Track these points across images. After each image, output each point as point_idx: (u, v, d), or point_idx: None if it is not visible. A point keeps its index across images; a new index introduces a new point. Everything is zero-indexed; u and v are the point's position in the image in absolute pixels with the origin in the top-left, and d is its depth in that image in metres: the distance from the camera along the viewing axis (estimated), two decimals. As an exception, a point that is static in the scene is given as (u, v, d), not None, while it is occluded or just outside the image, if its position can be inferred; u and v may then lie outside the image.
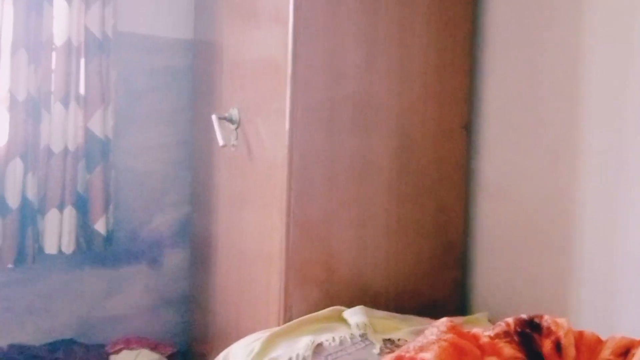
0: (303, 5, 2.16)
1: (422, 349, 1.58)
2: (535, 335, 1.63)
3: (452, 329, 1.65)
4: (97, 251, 2.77)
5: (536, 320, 1.65)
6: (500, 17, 2.37)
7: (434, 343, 1.60)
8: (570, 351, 1.60)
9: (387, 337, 1.96)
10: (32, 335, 2.76)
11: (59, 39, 2.66)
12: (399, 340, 1.94)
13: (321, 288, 2.22)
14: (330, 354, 1.87)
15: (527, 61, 2.27)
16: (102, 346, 2.78)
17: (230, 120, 2.49)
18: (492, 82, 2.40)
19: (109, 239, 2.78)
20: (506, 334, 1.64)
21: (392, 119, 2.31)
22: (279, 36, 2.22)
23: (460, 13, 2.41)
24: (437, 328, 1.66)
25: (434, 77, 2.38)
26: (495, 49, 2.39)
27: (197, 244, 2.92)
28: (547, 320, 1.64)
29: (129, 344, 2.75)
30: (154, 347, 2.77)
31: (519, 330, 1.64)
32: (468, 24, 2.43)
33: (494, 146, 2.39)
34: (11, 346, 2.69)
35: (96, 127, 2.72)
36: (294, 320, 2.06)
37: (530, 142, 2.26)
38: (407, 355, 1.56)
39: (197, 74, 2.92)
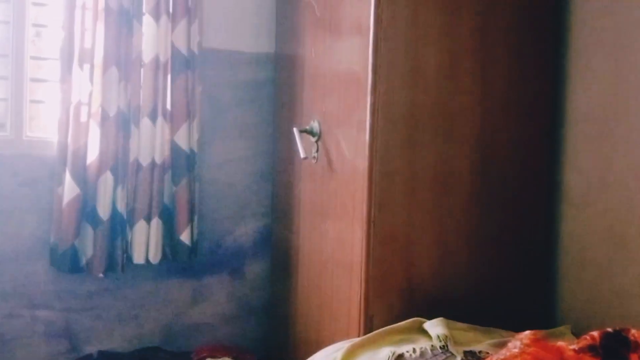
0: (384, 17, 2.18)
1: (504, 361, 1.56)
2: (623, 350, 1.58)
3: (536, 342, 1.63)
4: (182, 261, 2.85)
5: (623, 334, 1.60)
6: (587, 23, 2.32)
7: (517, 356, 1.58)
8: (660, 367, 1.55)
9: (468, 349, 1.94)
10: (120, 342, 2.86)
11: (147, 56, 2.76)
12: (480, 352, 1.91)
13: (402, 299, 2.22)
14: (411, 365, 1.87)
15: (614, 67, 2.22)
16: (187, 354, 2.84)
17: (311, 133, 2.53)
18: (577, 90, 2.35)
19: (193, 249, 2.85)
20: (591, 347, 1.60)
21: (473, 128, 2.29)
22: (360, 48, 2.24)
23: (544, 20, 2.38)
24: (520, 341, 1.64)
25: (516, 86, 2.35)
26: (580, 56, 2.34)
27: (278, 254, 2.96)
28: (634, 335, 1.59)
29: (212, 352, 2.81)
30: (236, 356, 2.82)
31: (605, 344, 1.60)
32: (552, 32, 2.39)
33: (579, 155, 2.34)
34: (100, 353, 2.79)
35: (182, 140, 2.80)
36: (375, 331, 2.07)
37: (617, 150, 2.20)
38: (490, 367, 1.55)
39: (279, 87, 2.98)
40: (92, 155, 2.71)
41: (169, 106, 2.81)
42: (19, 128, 2.75)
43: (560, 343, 1.65)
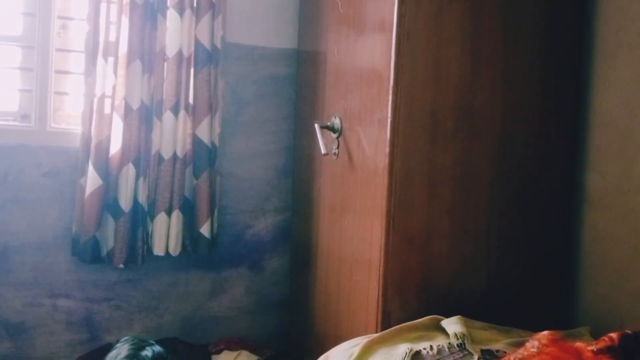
0: (407, 14, 2.18)
1: (522, 360, 1.57)
2: (642, 352, 1.58)
3: (554, 342, 1.63)
4: (202, 254, 2.87)
5: (642, 336, 1.61)
6: (611, 25, 2.31)
7: (535, 356, 1.58)
8: (679, 369, 1.55)
9: (485, 348, 1.94)
10: (139, 332, 2.89)
11: (170, 50, 2.78)
12: (497, 351, 1.92)
13: (420, 296, 2.22)
14: (428, 362, 1.88)
15: (638, 69, 2.21)
16: (205, 346, 2.87)
17: (332, 129, 2.54)
18: (601, 91, 2.34)
19: (213, 242, 2.88)
20: (610, 349, 1.60)
21: (494, 128, 2.30)
22: (383, 45, 2.25)
23: (568, 20, 2.37)
24: (538, 341, 1.64)
25: (539, 86, 2.35)
26: (605, 58, 2.33)
27: (297, 248, 2.98)
28: (653, 337, 1.59)
29: (230, 344, 2.83)
30: (253, 349, 2.84)
31: (623, 345, 1.60)
32: (576, 32, 2.39)
33: (600, 157, 2.33)
34: (120, 342, 2.82)
35: (204, 134, 2.82)
36: (393, 328, 2.07)
37: (639, 153, 2.19)
38: (507, 366, 1.55)
39: (301, 83, 2.99)
40: (115, 147, 2.74)
41: (191, 100, 2.83)
42: (43, 119, 2.78)
43: (579, 344, 1.65)
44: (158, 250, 2.80)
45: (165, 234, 2.80)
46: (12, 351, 2.74)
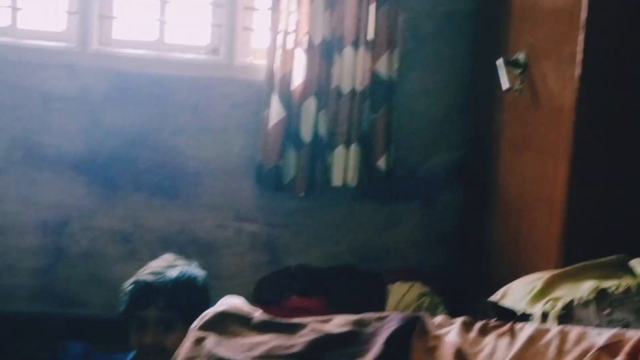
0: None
1: None
2: None
3: None
4: (377, 187, 2.96)
5: None
6: None
7: None
8: None
9: (677, 291, 1.89)
10: (316, 258, 3.04)
11: (352, -15, 2.82)
12: (692, 296, 1.87)
13: (602, 240, 2.18)
14: (614, 300, 1.85)
15: None
16: (379, 275, 2.96)
17: (516, 65, 2.50)
18: None
19: (388, 175, 2.94)
20: None
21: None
22: (575, -19, 2.18)
23: None
24: None
25: None
26: None
27: (472, 185, 2.99)
28: None
29: (403, 275, 2.91)
30: (426, 281, 2.90)
31: None
32: None
33: None
34: (299, 266, 2.98)
35: (382, 69, 2.87)
36: (577, 264, 2.05)
37: None
38: None
39: (481, 19, 2.95)
40: (297, 80, 2.84)
41: (370, 35, 2.86)
42: (231, 53, 2.93)
43: None
44: (336, 181, 2.90)
45: (343, 166, 2.89)
46: (203, 268, 2.96)
